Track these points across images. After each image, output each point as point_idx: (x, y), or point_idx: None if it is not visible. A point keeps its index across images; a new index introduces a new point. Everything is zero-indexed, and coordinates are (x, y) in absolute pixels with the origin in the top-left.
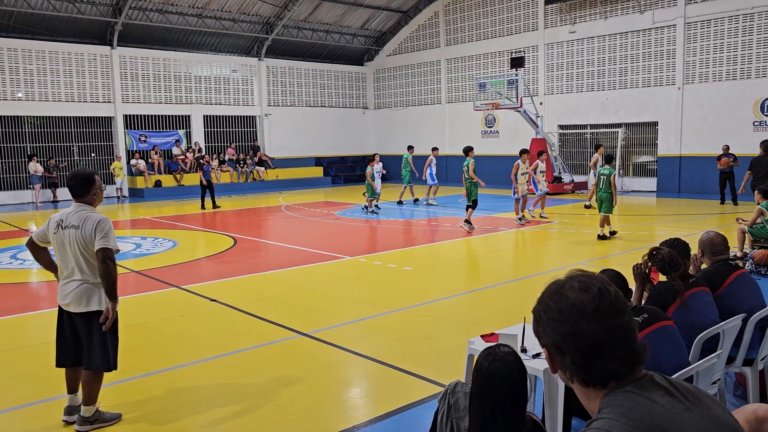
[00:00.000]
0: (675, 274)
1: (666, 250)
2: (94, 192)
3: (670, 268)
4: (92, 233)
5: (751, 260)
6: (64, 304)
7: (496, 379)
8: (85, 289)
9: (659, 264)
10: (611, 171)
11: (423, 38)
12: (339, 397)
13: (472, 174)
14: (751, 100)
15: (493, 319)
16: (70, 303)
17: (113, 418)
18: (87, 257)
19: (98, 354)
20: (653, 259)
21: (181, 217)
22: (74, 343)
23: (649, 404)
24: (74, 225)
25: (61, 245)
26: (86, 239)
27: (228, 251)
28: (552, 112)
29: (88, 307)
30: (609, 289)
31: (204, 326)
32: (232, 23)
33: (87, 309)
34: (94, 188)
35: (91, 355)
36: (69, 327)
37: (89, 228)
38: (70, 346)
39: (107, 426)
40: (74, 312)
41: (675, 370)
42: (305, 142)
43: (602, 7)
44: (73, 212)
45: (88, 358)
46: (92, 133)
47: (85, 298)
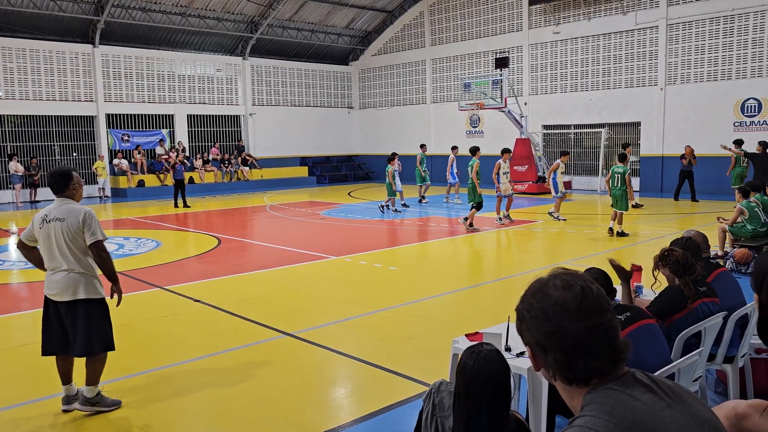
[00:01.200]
0: (690, 277)
1: (680, 252)
2: (73, 187)
3: (685, 271)
4: (79, 226)
5: (732, 259)
6: (51, 293)
7: (480, 377)
8: (71, 278)
9: (673, 266)
10: (625, 169)
11: (408, 38)
12: (324, 397)
13: (473, 175)
14: (732, 101)
15: (477, 318)
16: (56, 293)
17: (114, 404)
18: (72, 248)
19: (81, 341)
20: (666, 261)
21: (165, 217)
22: (61, 331)
23: (631, 401)
24: (59, 218)
25: (47, 238)
26: (72, 231)
27: (212, 251)
28: (536, 112)
29: (74, 296)
30: (591, 288)
31: (188, 327)
32: (216, 22)
33: (73, 297)
34: (72, 183)
35: (75, 343)
36: (55, 316)
37: (74, 220)
38: (56, 334)
39: (107, 411)
40: (60, 301)
41: (657, 367)
42: (290, 141)
43: (586, 8)
44: (57, 207)
45: (73, 346)
46: (74, 133)
47: (72, 287)
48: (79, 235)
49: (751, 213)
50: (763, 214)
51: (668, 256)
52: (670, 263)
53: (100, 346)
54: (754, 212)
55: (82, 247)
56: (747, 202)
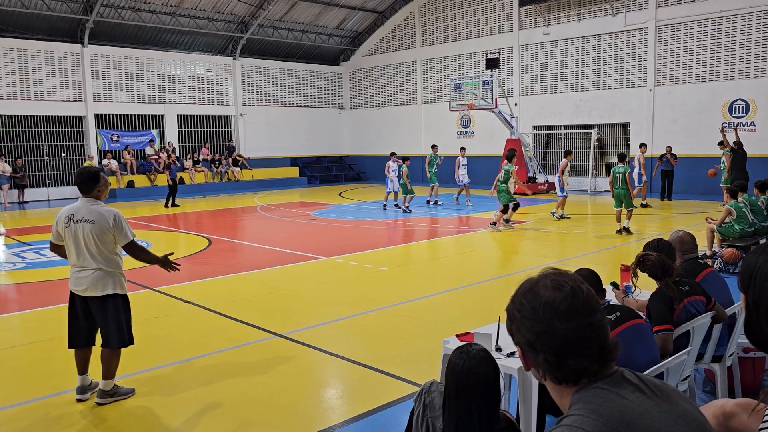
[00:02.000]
0: (669, 279)
1: (655, 255)
2: (99, 189)
3: (664, 273)
4: (111, 228)
5: (720, 258)
6: (79, 290)
7: (470, 377)
8: (100, 275)
9: (651, 271)
10: (626, 168)
11: (399, 39)
12: (315, 397)
13: (512, 182)
14: (720, 102)
15: (468, 318)
16: (86, 288)
17: (128, 392)
18: (101, 248)
19: (114, 333)
20: (642, 266)
21: (155, 217)
22: (87, 325)
23: (619, 400)
24: (88, 219)
25: (74, 237)
26: (102, 233)
27: (203, 252)
28: (526, 112)
29: (104, 291)
30: (581, 288)
31: (178, 328)
32: (206, 22)
33: (103, 293)
34: (99, 185)
35: (108, 335)
36: (83, 310)
37: (104, 223)
38: (83, 328)
39: (123, 399)
40: (90, 296)
41: (646, 366)
42: (281, 142)
43: (576, 9)
44: (84, 207)
45: (106, 338)
46: (63, 133)
47: (101, 283)
48: (109, 237)
49: (738, 213)
50: (750, 214)
51: (644, 261)
52: (648, 268)
53: (129, 338)
54: (741, 212)
55: (111, 247)
56: (735, 203)
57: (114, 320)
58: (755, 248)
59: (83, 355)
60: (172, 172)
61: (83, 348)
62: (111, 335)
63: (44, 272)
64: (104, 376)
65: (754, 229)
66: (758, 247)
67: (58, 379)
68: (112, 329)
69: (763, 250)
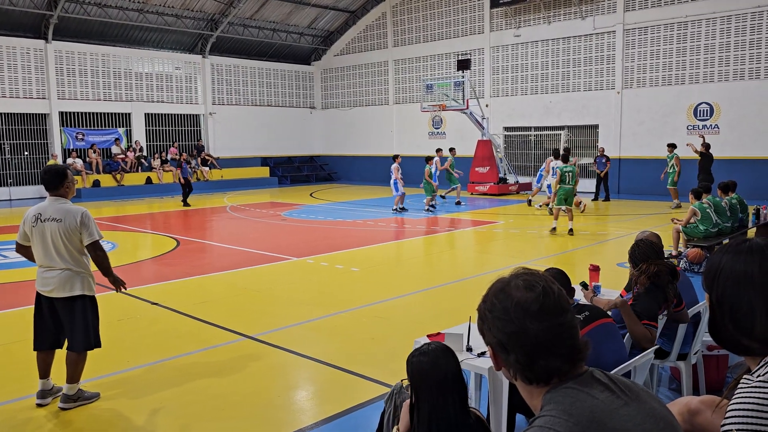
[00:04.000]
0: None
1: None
2: (67, 185)
3: (674, 278)
4: (77, 227)
5: (685, 258)
6: (46, 290)
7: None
8: (67, 276)
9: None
10: (573, 168)
11: (371, 39)
12: (285, 399)
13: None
14: (685, 105)
15: (439, 318)
16: (53, 289)
17: (92, 396)
18: (69, 248)
19: (81, 336)
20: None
21: (121, 218)
22: (54, 327)
23: (589, 400)
24: (55, 218)
25: (41, 237)
26: (70, 231)
27: (170, 253)
28: (497, 114)
29: (71, 292)
30: (553, 288)
31: (145, 330)
32: (175, 19)
33: (70, 294)
34: (66, 181)
35: (74, 338)
36: (49, 312)
37: (72, 221)
38: (49, 330)
39: (88, 403)
40: (57, 297)
41: (614, 365)
42: (251, 141)
43: (546, 12)
44: (51, 206)
45: (72, 341)
46: (25, 131)
47: (69, 284)
48: (76, 235)
49: (703, 214)
50: (714, 215)
51: (658, 272)
52: (662, 276)
53: (96, 341)
54: (706, 213)
55: (78, 246)
56: (700, 204)
57: (81, 322)
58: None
59: (46, 359)
60: (183, 170)
61: (47, 350)
62: (77, 338)
63: (7, 274)
64: (69, 379)
65: (718, 229)
66: (721, 247)
67: (19, 384)
68: (78, 331)
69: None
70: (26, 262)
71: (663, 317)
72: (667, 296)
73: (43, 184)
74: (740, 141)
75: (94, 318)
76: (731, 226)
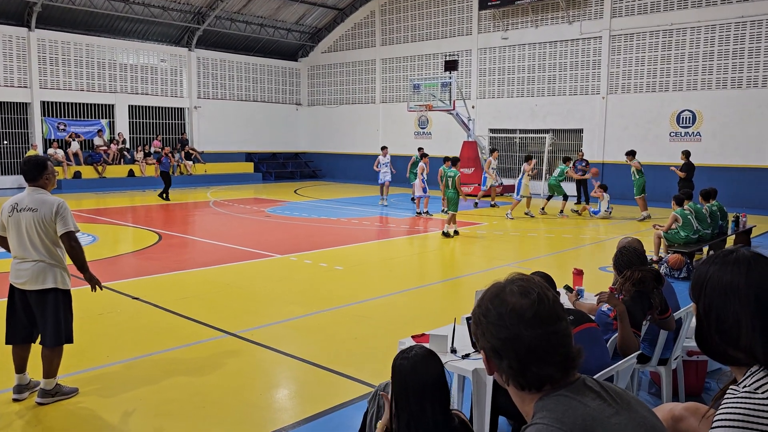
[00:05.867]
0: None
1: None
2: (47, 176)
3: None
4: (52, 217)
5: (666, 264)
6: (19, 282)
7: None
8: (41, 268)
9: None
10: (456, 173)
11: (359, 36)
12: (267, 398)
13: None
14: (668, 112)
15: (423, 319)
16: (26, 281)
17: (71, 391)
18: (44, 239)
19: (52, 330)
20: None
21: (102, 210)
22: (27, 320)
23: (581, 408)
24: (31, 208)
25: (16, 227)
26: (45, 222)
27: (152, 247)
28: (483, 115)
29: (43, 285)
30: (548, 295)
31: (125, 325)
32: (161, 11)
33: (43, 286)
34: (46, 173)
35: (45, 333)
36: (21, 305)
37: (47, 211)
38: (22, 323)
39: (65, 399)
40: (29, 290)
41: (598, 370)
42: (236, 136)
43: (534, 15)
44: (28, 196)
45: (44, 336)
46: (5, 119)
47: (41, 276)
48: (51, 226)
49: (684, 220)
50: (695, 221)
51: (643, 279)
52: (647, 283)
53: (67, 336)
54: (687, 220)
55: (53, 238)
56: (681, 210)
57: (52, 316)
58: (706, 259)
59: (21, 353)
60: (163, 164)
61: (21, 345)
62: (48, 332)
63: None
64: (45, 374)
65: (699, 236)
66: (709, 257)
67: None
68: (49, 326)
69: (713, 261)
70: (1, 253)
71: (646, 323)
72: (652, 303)
73: (23, 174)
74: (721, 149)
75: (66, 312)
76: (711, 233)
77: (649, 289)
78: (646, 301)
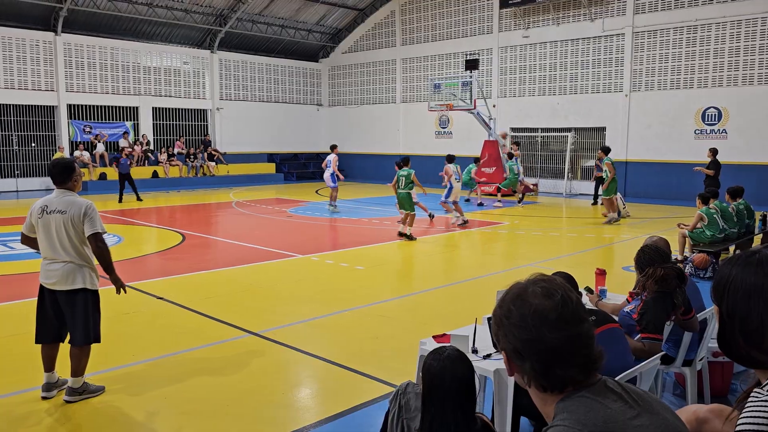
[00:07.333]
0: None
1: (670, 268)
2: (75, 179)
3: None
4: (80, 218)
5: (691, 263)
6: (49, 283)
7: (446, 377)
8: (70, 269)
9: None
10: (409, 172)
11: (379, 37)
12: (289, 397)
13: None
14: (693, 109)
15: (444, 319)
16: (55, 282)
17: (97, 390)
18: (73, 240)
19: (80, 330)
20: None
21: (127, 211)
22: (56, 320)
23: (602, 410)
24: (60, 210)
25: (46, 229)
26: (74, 223)
27: (176, 248)
28: (504, 114)
29: (73, 285)
30: (571, 297)
31: (149, 325)
32: (183, 14)
33: (72, 287)
34: (74, 175)
35: (74, 332)
36: (51, 305)
37: (76, 213)
38: (51, 323)
39: (92, 397)
40: (59, 290)
41: (620, 371)
42: (258, 137)
43: (555, 13)
44: (57, 198)
45: (73, 335)
46: (33, 123)
47: (71, 277)
48: (80, 227)
49: (710, 219)
50: (721, 220)
51: (665, 277)
52: (669, 281)
53: (95, 336)
54: (713, 218)
55: (82, 239)
56: (706, 209)
57: (81, 316)
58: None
59: (50, 352)
60: (122, 165)
61: (50, 344)
62: (77, 331)
63: (12, 265)
64: (73, 373)
65: (725, 235)
66: (731, 258)
67: (22, 376)
68: (78, 325)
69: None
70: (31, 254)
71: (670, 324)
72: (675, 303)
73: (51, 177)
74: (748, 146)
75: (94, 312)
76: (738, 232)
77: (672, 288)
78: (668, 301)
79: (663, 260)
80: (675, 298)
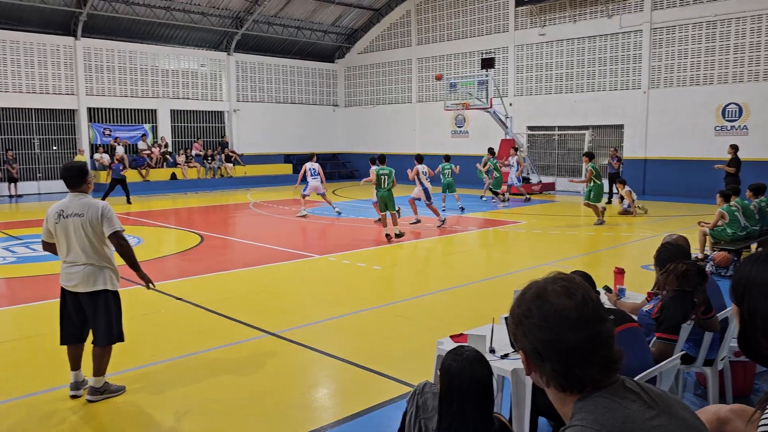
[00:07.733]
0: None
1: (693, 265)
2: (88, 181)
3: (703, 279)
4: (99, 220)
5: (712, 262)
6: (70, 285)
7: (465, 378)
8: (91, 270)
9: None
10: (391, 170)
11: (394, 37)
12: (307, 397)
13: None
14: (713, 106)
15: (461, 319)
16: (77, 284)
17: (118, 389)
18: (93, 242)
19: (103, 330)
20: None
21: (146, 213)
22: (79, 321)
23: (621, 410)
24: (77, 213)
25: (65, 233)
26: (93, 225)
27: (194, 249)
28: (521, 113)
29: (94, 287)
30: (592, 296)
31: (169, 325)
32: (201, 17)
33: (94, 288)
34: (88, 178)
35: (97, 332)
36: (73, 306)
37: (94, 215)
38: (74, 324)
39: (113, 396)
40: (81, 292)
41: (640, 370)
42: (274, 138)
43: (571, 10)
44: (73, 202)
45: (95, 335)
46: (54, 126)
47: (92, 279)
48: (98, 228)
49: (731, 217)
50: (742, 218)
51: (687, 275)
52: (690, 277)
53: (118, 335)
54: (734, 216)
55: (102, 240)
56: (728, 206)
57: (103, 317)
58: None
59: (76, 351)
60: (114, 171)
61: (75, 344)
62: (100, 332)
63: (35, 267)
64: (95, 372)
65: (746, 233)
66: (749, 257)
67: (48, 376)
68: (101, 326)
69: (755, 261)
70: (51, 256)
71: (690, 323)
72: (695, 302)
73: (64, 181)
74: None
75: (117, 312)
76: (759, 230)
77: (692, 285)
78: (688, 300)
79: (684, 257)
80: (695, 296)
